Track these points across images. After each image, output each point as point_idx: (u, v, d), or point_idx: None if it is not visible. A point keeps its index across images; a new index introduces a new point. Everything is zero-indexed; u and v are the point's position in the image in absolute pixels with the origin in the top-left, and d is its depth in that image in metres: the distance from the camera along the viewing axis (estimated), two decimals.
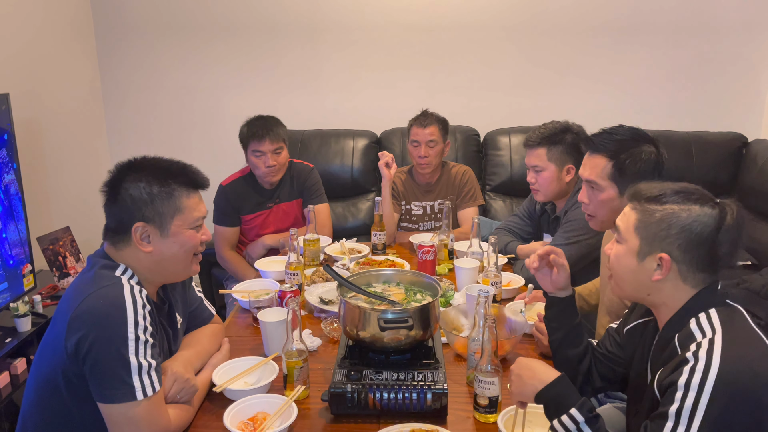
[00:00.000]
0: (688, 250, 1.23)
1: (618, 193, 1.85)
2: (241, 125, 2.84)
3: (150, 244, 1.47)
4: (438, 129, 2.98)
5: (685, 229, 1.23)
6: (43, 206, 3.30)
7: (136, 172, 1.47)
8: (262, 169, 2.78)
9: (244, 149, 2.83)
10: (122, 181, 1.46)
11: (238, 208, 2.89)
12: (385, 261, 2.50)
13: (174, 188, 1.48)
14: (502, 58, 3.83)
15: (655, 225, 1.26)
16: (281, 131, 2.81)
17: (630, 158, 1.82)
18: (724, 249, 1.22)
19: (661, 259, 1.25)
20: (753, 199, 3.26)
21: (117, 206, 1.46)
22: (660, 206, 1.26)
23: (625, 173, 1.82)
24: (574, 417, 1.19)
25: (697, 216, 1.23)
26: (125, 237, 1.47)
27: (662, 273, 1.26)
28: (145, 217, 1.45)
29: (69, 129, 3.59)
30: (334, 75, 3.90)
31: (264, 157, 2.76)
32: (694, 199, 1.25)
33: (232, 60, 3.88)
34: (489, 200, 3.71)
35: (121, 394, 1.32)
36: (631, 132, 1.88)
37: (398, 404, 1.47)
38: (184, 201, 1.49)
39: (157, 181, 1.46)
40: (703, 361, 1.13)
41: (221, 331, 1.79)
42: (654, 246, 1.27)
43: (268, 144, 2.75)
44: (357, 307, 1.57)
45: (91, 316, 1.34)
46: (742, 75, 3.76)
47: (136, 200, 1.45)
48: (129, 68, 3.92)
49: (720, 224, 1.22)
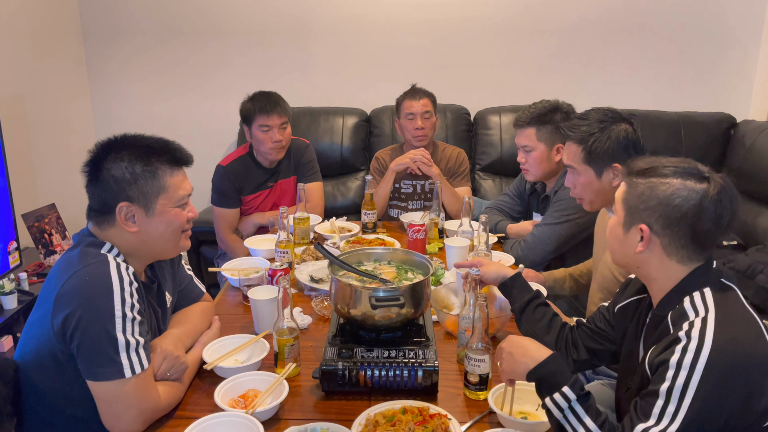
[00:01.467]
0: (668, 224, 1.24)
1: (596, 175, 1.93)
2: (243, 101, 2.80)
3: (135, 224, 1.44)
4: (430, 101, 2.97)
5: (663, 202, 1.24)
6: (28, 183, 3.25)
7: (117, 151, 1.43)
8: (269, 145, 2.74)
9: (248, 125, 2.78)
10: (103, 161, 1.43)
11: (240, 189, 2.84)
12: (376, 240, 2.50)
13: (157, 167, 1.44)
14: (493, 37, 3.79)
15: (636, 197, 1.28)
16: (287, 106, 2.78)
17: (596, 141, 1.90)
18: (706, 225, 1.22)
19: (641, 230, 1.27)
20: (741, 179, 3.24)
21: (99, 187, 1.43)
22: (644, 179, 1.28)
23: (596, 155, 1.91)
24: (566, 395, 1.20)
25: (676, 189, 1.23)
26: (109, 217, 1.44)
27: (644, 245, 1.27)
28: (129, 197, 1.42)
29: (54, 105, 3.52)
30: (323, 53, 3.85)
31: (271, 131, 2.72)
32: (679, 173, 1.25)
33: (223, 41, 3.82)
34: (479, 180, 3.70)
35: (109, 372, 1.31)
36: (600, 114, 1.94)
37: (389, 382, 1.48)
38: (168, 179, 1.46)
39: (139, 159, 1.43)
40: (695, 341, 1.14)
41: (211, 309, 1.78)
42: (635, 217, 1.28)
43: (276, 118, 2.72)
44: (348, 285, 1.56)
45: (78, 294, 1.32)
46: (731, 56, 3.77)
47: (119, 180, 1.41)
48: (114, 40, 3.85)
49: (702, 200, 1.22)
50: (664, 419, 1.12)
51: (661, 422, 1.12)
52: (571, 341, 1.59)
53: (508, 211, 2.76)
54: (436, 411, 1.38)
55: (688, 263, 1.27)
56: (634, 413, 1.17)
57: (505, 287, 1.74)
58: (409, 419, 1.34)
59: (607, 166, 1.91)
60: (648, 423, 1.13)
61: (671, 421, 1.11)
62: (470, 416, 1.43)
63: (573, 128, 1.95)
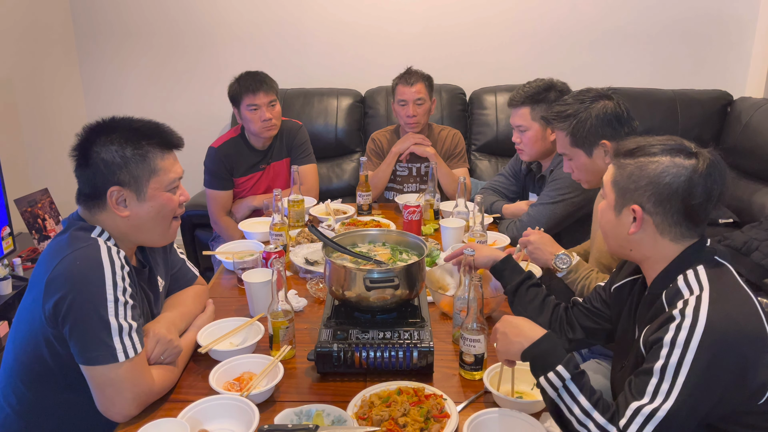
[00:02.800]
0: (660, 202, 1.24)
1: (587, 155, 1.93)
2: (230, 83, 2.77)
3: (127, 209, 1.43)
4: (424, 86, 2.93)
5: (653, 180, 1.24)
6: (21, 168, 3.23)
7: (107, 134, 1.41)
8: (258, 124, 2.72)
9: (236, 106, 2.75)
10: (92, 144, 1.40)
11: (232, 170, 2.83)
12: (371, 222, 2.49)
13: (148, 150, 1.42)
14: (488, 16, 3.75)
15: (626, 178, 1.28)
16: (274, 84, 2.75)
17: (578, 122, 1.90)
18: (697, 200, 1.22)
19: (634, 211, 1.27)
20: (737, 156, 3.27)
21: (89, 171, 1.41)
22: (633, 160, 1.28)
23: (581, 136, 1.91)
24: (560, 374, 1.20)
25: (665, 167, 1.23)
26: (100, 202, 1.42)
27: (636, 225, 1.27)
28: (120, 181, 1.40)
29: (45, 89, 3.48)
30: (317, 32, 3.80)
31: (260, 111, 2.70)
32: (667, 151, 1.25)
33: (216, 19, 3.77)
34: (475, 160, 3.68)
35: (103, 356, 1.30)
36: (576, 98, 1.95)
37: (384, 363, 1.47)
38: (158, 162, 1.44)
39: (129, 142, 1.41)
40: (689, 319, 1.13)
41: (205, 292, 1.77)
42: (627, 198, 1.28)
43: (263, 96, 2.69)
44: (342, 267, 1.55)
45: (68, 278, 1.31)
46: (728, 33, 3.73)
47: (109, 164, 1.39)
48: (106, 23, 3.80)
49: (692, 175, 1.21)
50: (658, 397, 1.12)
51: (655, 400, 1.12)
52: (566, 320, 1.59)
53: (503, 192, 2.75)
54: (431, 391, 1.39)
55: (681, 241, 1.26)
56: (628, 391, 1.17)
57: (496, 270, 1.74)
58: (405, 400, 1.34)
59: (594, 145, 1.90)
60: (642, 401, 1.13)
61: (665, 398, 1.11)
62: (466, 396, 1.43)
63: (555, 116, 1.97)
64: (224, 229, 2.82)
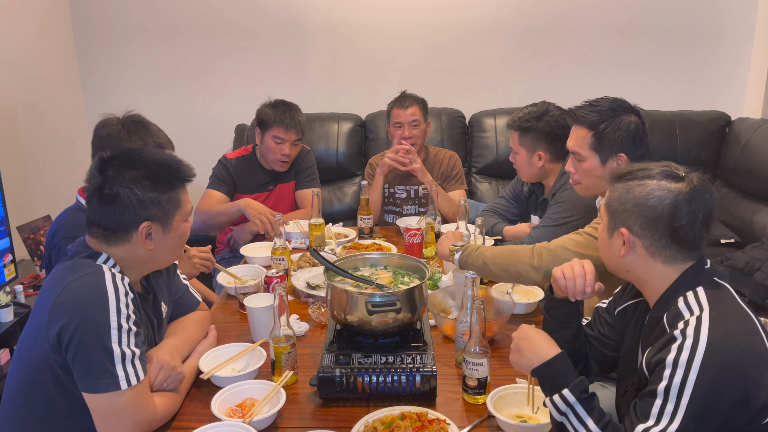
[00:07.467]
0: (647, 224, 1.26)
1: (600, 162, 1.91)
2: (262, 105, 2.82)
3: (152, 242, 1.45)
4: (419, 109, 2.97)
5: (639, 203, 1.26)
6: (23, 195, 3.24)
7: (135, 169, 1.42)
8: (277, 156, 2.79)
9: (263, 130, 2.80)
10: (118, 182, 1.40)
11: (236, 184, 2.88)
12: (372, 245, 2.49)
13: (174, 185, 1.47)
14: (487, 40, 3.80)
15: (616, 200, 1.31)
16: (304, 125, 2.81)
17: (609, 128, 1.88)
18: (680, 222, 1.23)
19: (622, 233, 1.29)
20: (736, 177, 3.28)
21: (117, 208, 1.40)
22: (622, 184, 1.31)
23: (605, 143, 1.88)
24: (566, 398, 1.19)
25: (651, 190, 1.25)
26: (125, 236, 1.43)
27: (626, 248, 1.29)
28: (152, 216, 1.43)
29: (48, 116, 3.51)
30: (318, 57, 3.85)
31: (283, 145, 2.77)
32: (654, 175, 1.27)
33: (217, 42, 3.82)
34: (475, 183, 3.70)
35: (105, 384, 1.30)
36: (612, 103, 1.93)
37: (387, 387, 1.47)
38: (181, 196, 1.49)
39: (160, 179, 1.44)
40: (690, 339, 1.13)
41: (207, 318, 1.77)
42: (617, 221, 1.31)
43: (293, 134, 2.77)
44: (344, 291, 1.56)
45: (73, 305, 1.32)
46: (725, 54, 3.77)
47: (143, 201, 1.41)
48: (109, 54, 3.85)
49: (677, 198, 1.23)
50: (663, 419, 1.11)
51: (661, 422, 1.11)
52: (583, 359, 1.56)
53: (504, 214, 2.75)
54: (434, 416, 1.38)
55: (675, 264, 1.27)
56: (633, 414, 1.16)
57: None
58: (408, 425, 1.33)
59: (612, 155, 1.89)
60: (648, 423, 1.12)
61: (671, 420, 1.11)
62: (469, 421, 1.42)
63: (583, 113, 1.93)
64: (205, 213, 2.78)
